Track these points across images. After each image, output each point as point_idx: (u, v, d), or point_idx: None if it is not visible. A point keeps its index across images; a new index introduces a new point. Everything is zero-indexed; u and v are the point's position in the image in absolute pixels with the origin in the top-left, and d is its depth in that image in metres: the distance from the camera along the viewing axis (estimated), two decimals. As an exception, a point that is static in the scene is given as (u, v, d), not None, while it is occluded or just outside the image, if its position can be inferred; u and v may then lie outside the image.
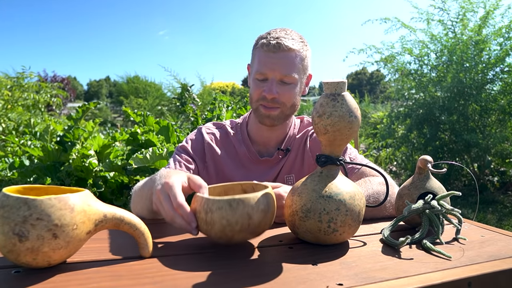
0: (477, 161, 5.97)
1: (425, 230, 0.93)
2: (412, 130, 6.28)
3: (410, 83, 6.43)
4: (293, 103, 1.32)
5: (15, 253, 0.65)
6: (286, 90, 1.28)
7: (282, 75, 1.25)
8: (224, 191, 0.98)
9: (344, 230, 0.86)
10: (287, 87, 1.28)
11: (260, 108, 1.31)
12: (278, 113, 1.30)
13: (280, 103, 1.28)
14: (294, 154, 1.39)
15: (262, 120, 1.32)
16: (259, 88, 1.28)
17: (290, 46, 1.24)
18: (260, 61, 1.27)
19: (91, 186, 2.37)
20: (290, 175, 1.36)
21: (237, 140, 1.41)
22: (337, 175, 0.89)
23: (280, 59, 1.24)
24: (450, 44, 5.79)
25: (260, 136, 1.40)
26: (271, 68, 1.25)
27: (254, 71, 1.30)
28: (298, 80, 1.29)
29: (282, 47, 1.23)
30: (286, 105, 1.30)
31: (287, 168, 1.37)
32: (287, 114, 1.33)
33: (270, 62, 1.25)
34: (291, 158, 1.39)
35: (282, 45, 1.23)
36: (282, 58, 1.24)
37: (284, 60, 1.25)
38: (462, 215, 0.99)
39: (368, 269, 0.75)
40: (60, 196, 0.67)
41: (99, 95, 54.13)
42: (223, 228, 0.78)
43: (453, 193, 0.97)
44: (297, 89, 1.30)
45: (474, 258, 0.81)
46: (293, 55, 1.25)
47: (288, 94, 1.28)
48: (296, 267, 0.75)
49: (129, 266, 0.74)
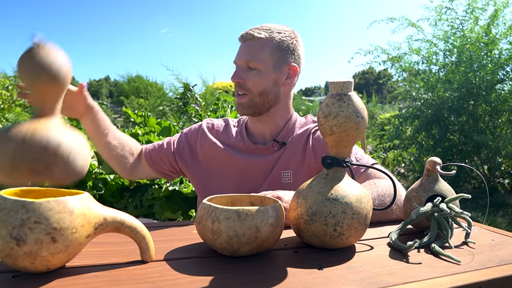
0: (487, 163, 5.91)
1: (433, 233, 0.91)
2: (421, 131, 6.23)
3: (418, 83, 6.39)
4: (262, 90, 1.34)
5: (13, 257, 0.64)
6: (251, 76, 1.32)
7: (245, 60, 1.32)
8: (231, 202, 0.97)
9: (351, 233, 0.84)
10: (253, 72, 1.32)
11: (235, 97, 1.39)
12: (247, 101, 1.34)
13: (246, 89, 1.33)
14: (292, 150, 1.38)
15: (237, 110, 1.40)
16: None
17: (255, 35, 1.32)
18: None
19: (90, 188, 2.34)
20: (287, 171, 1.35)
21: (236, 131, 1.47)
22: (344, 177, 0.88)
23: (245, 47, 1.34)
24: (459, 43, 5.74)
25: (254, 127, 1.45)
26: (238, 55, 1.35)
27: None
28: (266, 67, 1.33)
29: (248, 36, 1.33)
30: (253, 92, 1.33)
31: (284, 162, 1.36)
32: (258, 103, 1.35)
33: (239, 51, 1.35)
34: (288, 153, 1.37)
35: (248, 34, 1.33)
36: (248, 46, 1.33)
37: (249, 47, 1.33)
38: (471, 218, 0.97)
39: (375, 273, 0.73)
40: (59, 199, 0.66)
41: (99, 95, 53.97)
42: (229, 239, 0.77)
43: (463, 196, 0.95)
44: (263, 76, 1.33)
45: (485, 263, 0.80)
46: (259, 43, 1.32)
47: (253, 80, 1.32)
48: (302, 272, 0.74)
49: (129, 270, 0.72)
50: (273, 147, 1.39)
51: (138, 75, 20.27)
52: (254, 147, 1.39)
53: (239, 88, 1.34)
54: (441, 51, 6.09)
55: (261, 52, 1.31)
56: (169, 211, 2.07)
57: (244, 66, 1.33)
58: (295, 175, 1.34)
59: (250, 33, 1.32)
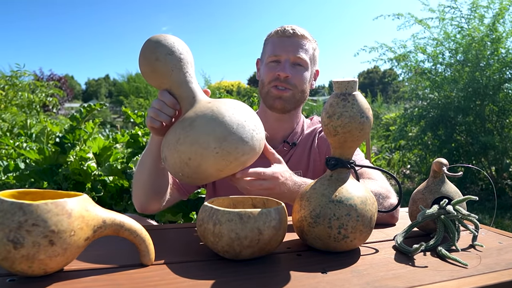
0: (495, 164, 5.86)
1: (440, 236, 0.90)
2: (426, 131, 6.20)
3: (424, 82, 6.35)
4: (304, 88, 1.36)
5: (10, 260, 0.63)
6: (298, 72, 1.33)
7: (295, 56, 1.32)
8: (233, 204, 0.96)
9: (355, 236, 0.82)
10: (300, 69, 1.34)
11: (271, 90, 1.34)
12: (290, 95, 1.33)
13: (292, 84, 1.33)
14: (301, 150, 1.40)
15: (273, 103, 1.35)
16: (272, 71, 1.33)
17: (303, 33, 1.34)
18: (274, 45, 1.35)
19: (89, 190, 2.32)
20: (298, 171, 1.35)
21: None
22: (348, 179, 0.87)
23: (293, 42, 1.33)
24: (465, 42, 5.70)
25: (267, 127, 1.36)
26: (285, 49, 1.32)
27: (267, 56, 1.36)
28: (309, 66, 1.35)
29: (296, 33, 1.33)
30: (297, 88, 1.34)
31: (294, 163, 1.37)
32: (298, 99, 1.36)
33: (284, 45, 1.33)
34: (298, 153, 1.39)
35: (296, 31, 1.33)
36: (296, 42, 1.33)
37: (297, 43, 1.33)
38: (479, 221, 0.96)
39: (381, 277, 0.72)
40: (57, 201, 0.65)
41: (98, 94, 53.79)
42: (231, 241, 0.76)
43: (470, 198, 0.93)
44: (307, 74, 1.36)
45: (492, 266, 0.79)
46: (305, 41, 1.34)
47: (300, 76, 1.33)
48: (305, 275, 0.73)
49: (129, 274, 0.72)
50: (284, 147, 1.39)
51: (138, 74, 20.25)
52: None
53: (284, 83, 1.32)
54: (447, 49, 6.05)
55: (307, 50, 1.34)
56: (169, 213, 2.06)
57: (291, 60, 1.32)
58: (304, 174, 1.35)
59: (297, 30, 1.33)
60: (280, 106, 1.34)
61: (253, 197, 0.96)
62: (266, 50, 1.38)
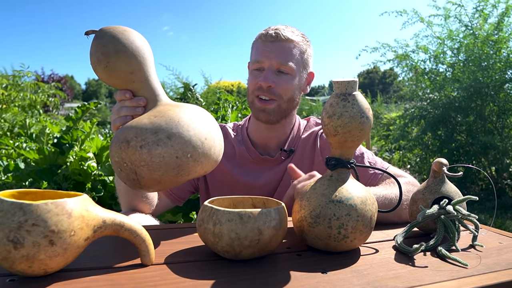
0: (495, 164, 5.85)
1: (440, 236, 0.90)
2: (427, 131, 6.19)
3: (425, 82, 6.34)
4: (291, 96, 1.27)
5: (10, 260, 0.62)
6: (283, 81, 1.24)
7: (278, 63, 1.23)
8: (233, 204, 0.96)
9: (355, 236, 0.82)
10: (284, 77, 1.24)
11: (255, 101, 1.27)
12: (274, 107, 1.25)
13: (276, 95, 1.24)
14: (299, 155, 1.34)
15: (257, 115, 1.28)
16: (255, 79, 1.25)
17: (288, 36, 1.23)
18: (257, 51, 1.26)
19: (89, 190, 2.32)
20: None
21: (237, 141, 1.37)
22: (348, 179, 0.86)
23: (277, 48, 1.23)
24: (468, 41, 5.69)
25: (259, 136, 1.35)
26: (268, 56, 1.23)
27: (252, 63, 1.28)
28: (297, 72, 1.26)
29: (280, 37, 1.22)
30: (282, 98, 1.25)
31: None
32: (285, 109, 1.28)
33: (266, 51, 1.23)
34: (296, 159, 1.33)
35: (279, 35, 1.22)
36: (279, 47, 1.23)
37: (281, 49, 1.23)
38: (479, 221, 0.96)
39: (381, 277, 0.72)
40: (57, 201, 0.65)
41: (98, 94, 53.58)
42: (231, 241, 0.75)
43: (470, 198, 0.93)
44: (295, 81, 1.26)
45: (492, 266, 0.79)
46: (291, 45, 1.24)
47: (285, 85, 1.24)
48: (305, 276, 0.72)
49: (129, 274, 0.71)
50: (281, 156, 1.34)
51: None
52: (261, 159, 1.34)
53: (267, 93, 1.24)
54: (450, 49, 6.04)
55: (293, 55, 1.24)
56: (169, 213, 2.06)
57: (274, 68, 1.23)
58: None
59: (281, 33, 1.22)
60: (265, 119, 1.27)
61: (253, 197, 0.96)
62: (251, 56, 1.30)
